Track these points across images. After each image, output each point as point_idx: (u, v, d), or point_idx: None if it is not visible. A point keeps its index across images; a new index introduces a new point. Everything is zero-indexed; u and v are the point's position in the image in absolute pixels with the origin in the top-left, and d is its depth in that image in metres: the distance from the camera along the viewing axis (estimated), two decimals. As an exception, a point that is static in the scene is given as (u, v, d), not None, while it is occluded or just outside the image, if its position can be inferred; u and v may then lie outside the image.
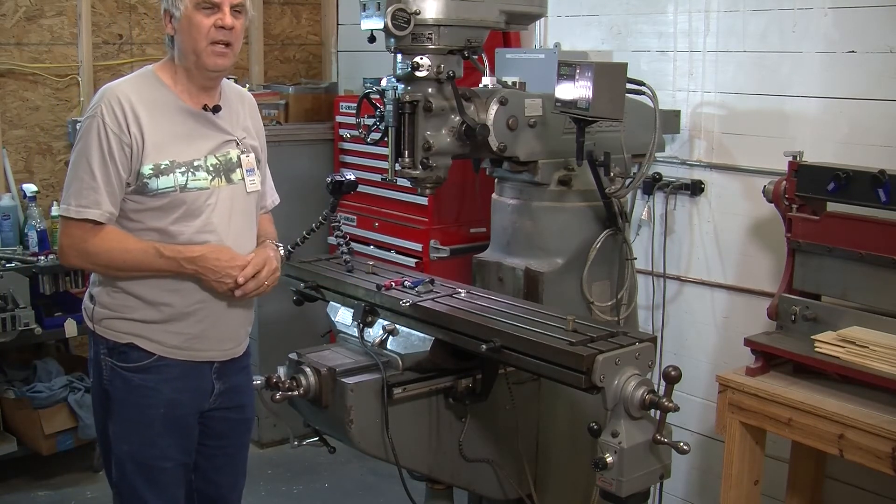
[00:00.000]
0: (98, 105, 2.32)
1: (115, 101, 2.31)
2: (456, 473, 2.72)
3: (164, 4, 2.38)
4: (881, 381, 2.47)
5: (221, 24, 2.33)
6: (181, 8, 2.34)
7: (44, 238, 4.16)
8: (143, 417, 2.40)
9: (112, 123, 2.30)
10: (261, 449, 4.51)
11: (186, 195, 2.35)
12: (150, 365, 2.39)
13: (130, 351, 2.39)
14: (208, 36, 2.33)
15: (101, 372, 2.43)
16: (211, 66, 2.36)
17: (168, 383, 2.40)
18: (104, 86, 2.39)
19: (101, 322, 2.42)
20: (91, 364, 2.48)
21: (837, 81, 3.04)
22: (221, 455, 2.59)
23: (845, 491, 3.10)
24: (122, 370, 2.40)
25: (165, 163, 2.33)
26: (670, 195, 3.54)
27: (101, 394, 2.45)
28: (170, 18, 2.37)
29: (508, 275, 2.97)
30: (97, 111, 2.31)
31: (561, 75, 2.70)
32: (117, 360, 2.40)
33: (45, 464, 4.22)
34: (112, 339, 2.40)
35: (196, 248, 2.34)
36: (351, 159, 4.50)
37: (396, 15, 2.58)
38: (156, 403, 2.40)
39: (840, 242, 2.70)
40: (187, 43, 2.35)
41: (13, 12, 4.34)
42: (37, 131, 4.48)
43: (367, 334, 2.68)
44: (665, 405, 2.16)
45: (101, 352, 2.42)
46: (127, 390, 2.40)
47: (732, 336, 3.34)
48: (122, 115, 2.30)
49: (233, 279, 2.35)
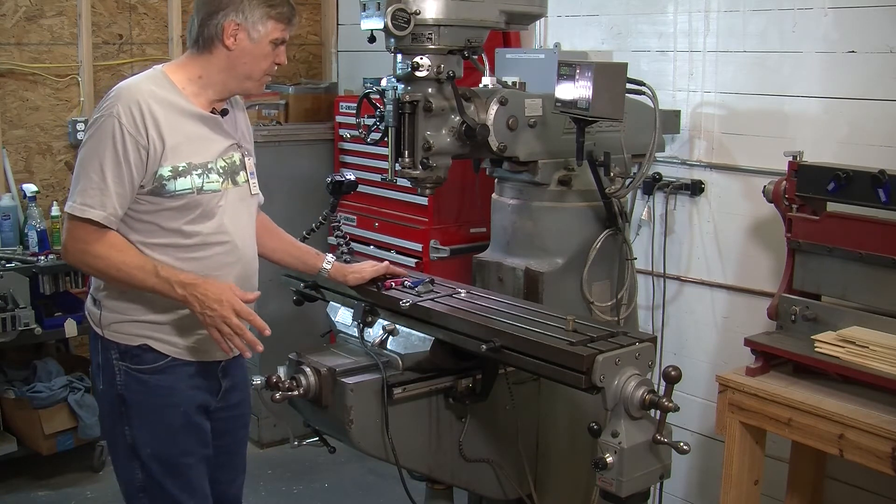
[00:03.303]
0: (115, 105, 2.27)
1: (134, 102, 2.27)
2: (456, 473, 2.72)
3: (236, 18, 2.32)
4: (881, 381, 2.47)
5: (279, 62, 2.41)
6: (261, 31, 2.34)
7: (44, 238, 4.16)
8: (163, 416, 2.39)
9: (129, 125, 2.25)
10: (261, 449, 4.52)
11: (202, 197, 2.35)
12: (166, 366, 2.38)
13: (144, 353, 2.37)
14: (269, 69, 2.40)
15: (114, 377, 2.39)
16: (255, 93, 2.47)
17: (183, 381, 2.40)
18: (119, 85, 2.34)
19: (111, 326, 2.38)
20: (100, 371, 2.43)
21: (837, 81, 3.04)
22: (223, 453, 2.59)
23: (845, 491, 3.10)
24: (137, 373, 2.37)
25: (183, 165, 2.31)
26: (670, 195, 3.54)
27: (115, 400, 2.40)
28: (235, 34, 2.33)
29: (508, 275, 2.97)
30: (114, 111, 2.26)
31: (561, 75, 2.70)
32: (131, 364, 2.37)
33: (45, 464, 4.22)
34: (124, 342, 2.37)
35: (192, 275, 2.29)
36: (351, 159, 4.51)
37: (396, 15, 2.58)
38: (175, 402, 2.39)
39: (840, 242, 2.70)
40: (246, 67, 2.36)
41: (13, 12, 4.34)
42: (37, 131, 4.49)
43: (367, 334, 2.68)
44: (665, 405, 2.15)
45: (113, 357, 2.38)
46: (144, 392, 2.38)
47: (732, 336, 3.34)
48: (141, 116, 2.26)
49: (216, 313, 2.26)
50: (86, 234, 2.29)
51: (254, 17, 2.33)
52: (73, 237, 2.32)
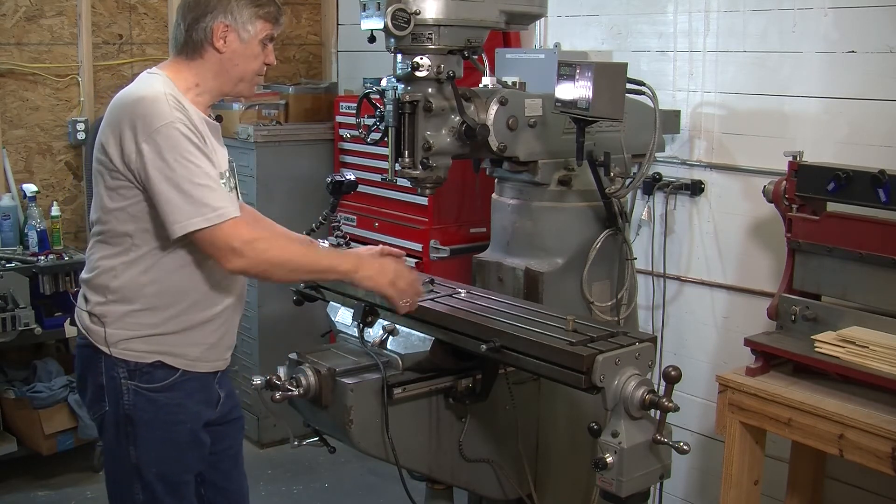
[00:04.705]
0: (166, 113, 2.17)
1: (176, 105, 2.20)
2: (456, 473, 2.72)
3: (225, 20, 2.29)
4: (881, 381, 2.47)
5: (268, 62, 2.39)
6: (251, 31, 2.31)
7: (44, 238, 4.16)
8: (171, 435, 2.34)
9: (186, 126, 2.18)
10: (261, 449, 4.52)
11: None
12: (175, 382, 2.33)
13: (156, 370, 2.31)
14: (260, 69, 2.37)
15: (120, 397, 2.31)
16: (248, 95, 2.42)
17: (190, 397, 2.35)
18: (144, 95, 2.21)
19: (119, 344, 2.30)
20: (104, 391, 2.32)
21: (837, 81, 3.04)
22: (226, 459, 2.57)
23: (845, 491, 3.10)
24: (147, 391, 2.31)
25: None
26: (670, 195, 3.54)
27: (121, 421, 2.32)
28: (225, 36, 2.30)
29: (508, 275, 2.97)
30: (172, 117, 2.16)
31: (561, 75, 2.70)
32: (141, 382, 2.30)
33: (45, 464, 4.22)
34: (134, 360, 2.30)
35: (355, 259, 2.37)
36: (351, 159, 4.51)
37: (396, 15, 2.58)
38: (183, 420, 2.35)
39: (840, 242, 2.70)
40: (238, 68, 2.34)
41: (13, 12, 4.34)
42: (37, 131, 4.49)
43: (367, 334, 2.68)
44: (665, 405, 2.15)
45: (121, 375, 2.30)
46: (153, 411, 2.32)
47: (732, 336, 3.34)
48: (188, 120, 2.20)
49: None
50: (233, 231, 2.17)
51: (242, 17, 2.31)
52: (227, 244, 2.17)
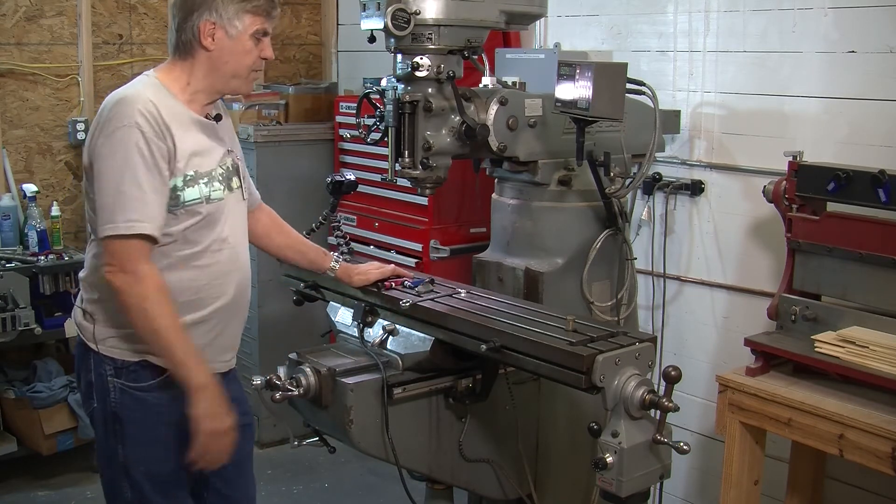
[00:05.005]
0: (130, 115, 2.18)
1: (147, 110, 2.19)
2: (456, 473, 2.72)
3: (210, 17, 2.26)
4: (881, 381, 2.47)
5: (265, 56, 2.35)
6: (238, 27, 2.29)
7: (44, 238, 4.16)
8: (158, 435, 2.33)
9: (150, 132, 2.18)
10: (261, 449, 4.51)
11: (210, 206, 2.32)
12: (163, 382, 2.31)
13: (142, 369, 2.30)
14: (254, 64, 2.34)
15: (108, 395, 2.31)
16: (244, 92, 2.38)
17: (179, 399, 2.29)
18: (120, 96, 2.24)
19: (106, 341, 2.30)
20: (93, 388, 2.34)
21: (837, 81, 3.04)
22: (231, 465, 2.51)
23: (845, 491, 3.10)
24: (133, 390, 2.30)
25: (191, 174, 2.28)
26: (670, 195, 3.54)
27: (108, 418, 2.33)
28: (213, 34, 2.28)
29: (508, 275, 2.97)
30: (131, 121, 2.17)
31: (561, 75, 2.70)
32: (127, 381, 2.30)
33: (45, 464, 4.22)
34: (121, 357, 2.30)
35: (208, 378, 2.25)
36: (351, 159, 4.50)
37: (396, 15, 2.58)
38: (170, 420, 2.31)
39: (840, 242, 2.70)
40: (230, 66, 2.31)
41: (13, 12, 4.34)
42: (37, 131, 4.49)
43: (367, 334, 2.68)
44: (665, 405, 2.15)
45: (107, 373, 2.30)
46: (140, 410, 2.31)
47: (732, 336, 3.34)
48: (157, 123, 2.20)
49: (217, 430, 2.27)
50: (137, 251, 2.17)
51: (228, 13, 2.28)
52: (121, 258, 2.18)
